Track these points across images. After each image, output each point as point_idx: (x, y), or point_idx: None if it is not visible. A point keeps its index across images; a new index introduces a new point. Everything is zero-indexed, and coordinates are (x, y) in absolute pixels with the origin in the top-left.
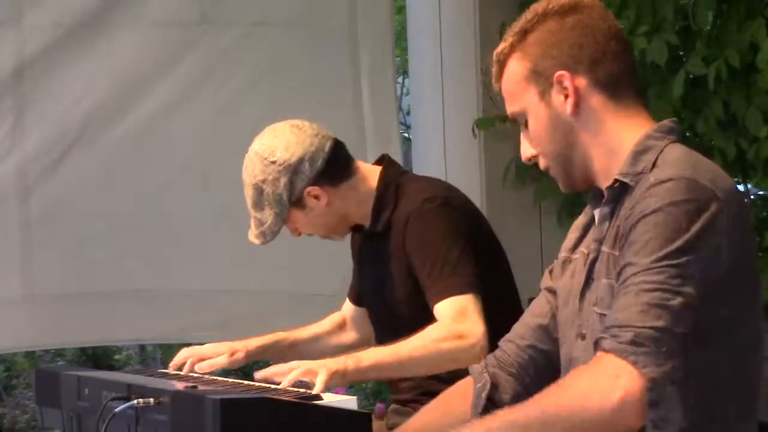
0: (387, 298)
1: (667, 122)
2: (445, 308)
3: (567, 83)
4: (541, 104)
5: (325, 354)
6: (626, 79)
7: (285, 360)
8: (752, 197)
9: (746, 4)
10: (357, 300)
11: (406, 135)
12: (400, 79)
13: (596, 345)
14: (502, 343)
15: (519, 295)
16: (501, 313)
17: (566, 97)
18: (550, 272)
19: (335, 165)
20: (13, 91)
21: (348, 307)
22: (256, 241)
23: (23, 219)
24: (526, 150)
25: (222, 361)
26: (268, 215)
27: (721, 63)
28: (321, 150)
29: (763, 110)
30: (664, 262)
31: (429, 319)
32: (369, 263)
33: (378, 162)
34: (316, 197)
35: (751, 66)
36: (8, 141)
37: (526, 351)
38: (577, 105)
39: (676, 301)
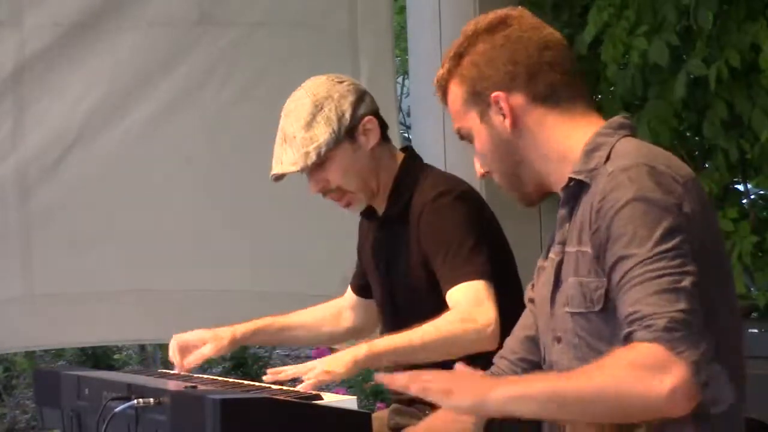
0: (397, 286)
1: (617, 118)
2: (457, 294)
3: (502, 104)
4: (482, 125)
5: (314, 342)
6: (566, 86)
7: (272, 345)
8: (752, 197)
9: (746, 4)
10: (358, 290)
11: (406, 135)
12: (400, 79)
13: (626, 339)
14: (496, 359)
15: (523, 291)
16: (508, 307)
17: (504, 117)
18: (532, 286)
19: (382, 121)
20: (13, 91)
21: (349, 296)
22: (294, 168)
23: (23, 219)
24: (479, 168)
25: (207, 351)
26: (323, 133)
27: (722, 64)
28: (374, 102)
29: (766, 111)
30: (660, 248)
31: (438, 309)
32: (382, 253)
33: (402, 150)
34: (368, 133)
35: (751, 66)
36: (8, 141)
37: (518, 365)
38: (514, 124)
39: (687, 280)
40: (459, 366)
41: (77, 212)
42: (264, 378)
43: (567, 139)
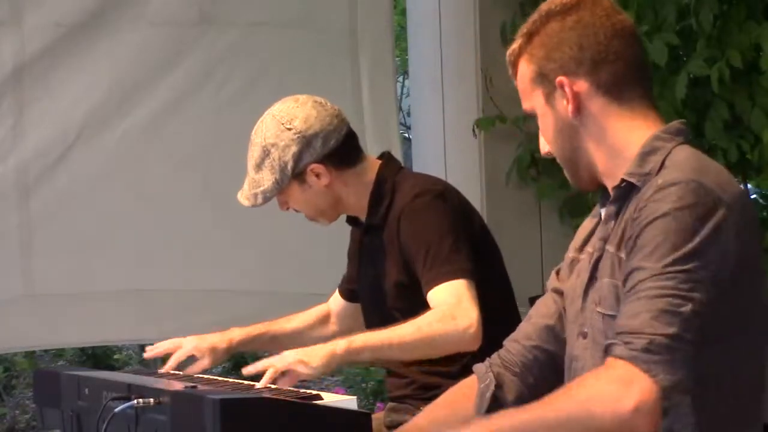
0: (381, 291)
1: (675, 123)
2: (438, 294)
3: (566, 89)
4: (547, 107)
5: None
6: (631, 79)
7: (267, 351)
8: (752, 197)
9: (746, 4)
10: (346, 294)
11: (406, 135)
12: (400, 79)
13: (606, 351)
14: (507, 342)
15: (513, 292)
16: (494, 308)
17: (568, 101)
18: (557, 273)
19: (345, 150)
20: (13, 91)
21: (336, 300)
22: (246, 203)
23: (23, 219)
24: (543, 146)
25: (205, 363)
26: (267, 179)
27: (723, 64)
28: (336, 132)
29: (766, 112)
30: (674, 268)
31: (418, 312)
32: (367, 258)
33: (380, 158)
34: (318, 176)
35: (752, 66)
36: (8, 141)
37: (531, 351)
38: (577, 110)
39: (687, 307)
40: None
41: (77, 212)
42: (244, 371)
43: (625, 134)
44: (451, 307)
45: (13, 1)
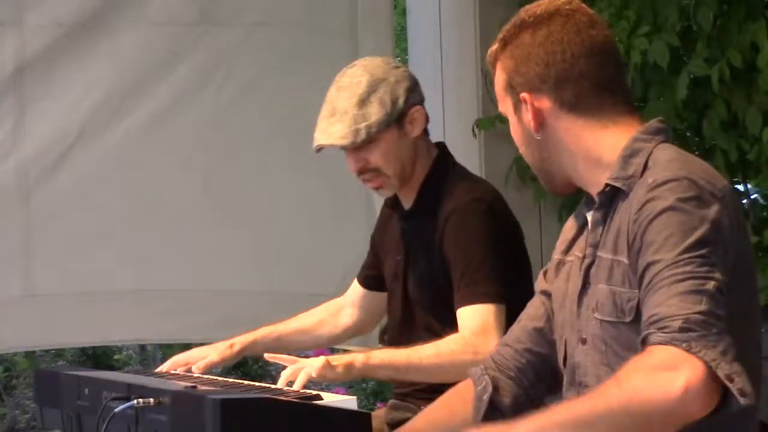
0: (415, 278)
1: (653, 123)
2: (467, 316)
3: (528, 105)
4: (515, 117)
5: (314, 345)
6: (598, 95)
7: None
8: (753, 197)
9: (746, 4)
10: (366, 282)
11: None
12: None
13: (644, 342)
14: (499, 347)
15: None
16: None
17: (531, 117)
18: (545, 274)
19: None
20: (14, 91)
21: (353, 291)
22: (343, 141)
23: (23, 219)
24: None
25: (213, 359)
26: (375, 113)
27: (724, 64)
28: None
29: (763, 111)
30: (689, 254)
31: (448, 308)
32: (405, 240)
33: (436, 145)
34: (415, 122)
35: (751, 66)
36: (8, 141)
37: (523, 355)
38: (540, 126)
39: (710, 284)
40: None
41: (77, 212)
42: (265, 356)
43: (597, 143)
44: (474, 335)
45: (14, 1)
